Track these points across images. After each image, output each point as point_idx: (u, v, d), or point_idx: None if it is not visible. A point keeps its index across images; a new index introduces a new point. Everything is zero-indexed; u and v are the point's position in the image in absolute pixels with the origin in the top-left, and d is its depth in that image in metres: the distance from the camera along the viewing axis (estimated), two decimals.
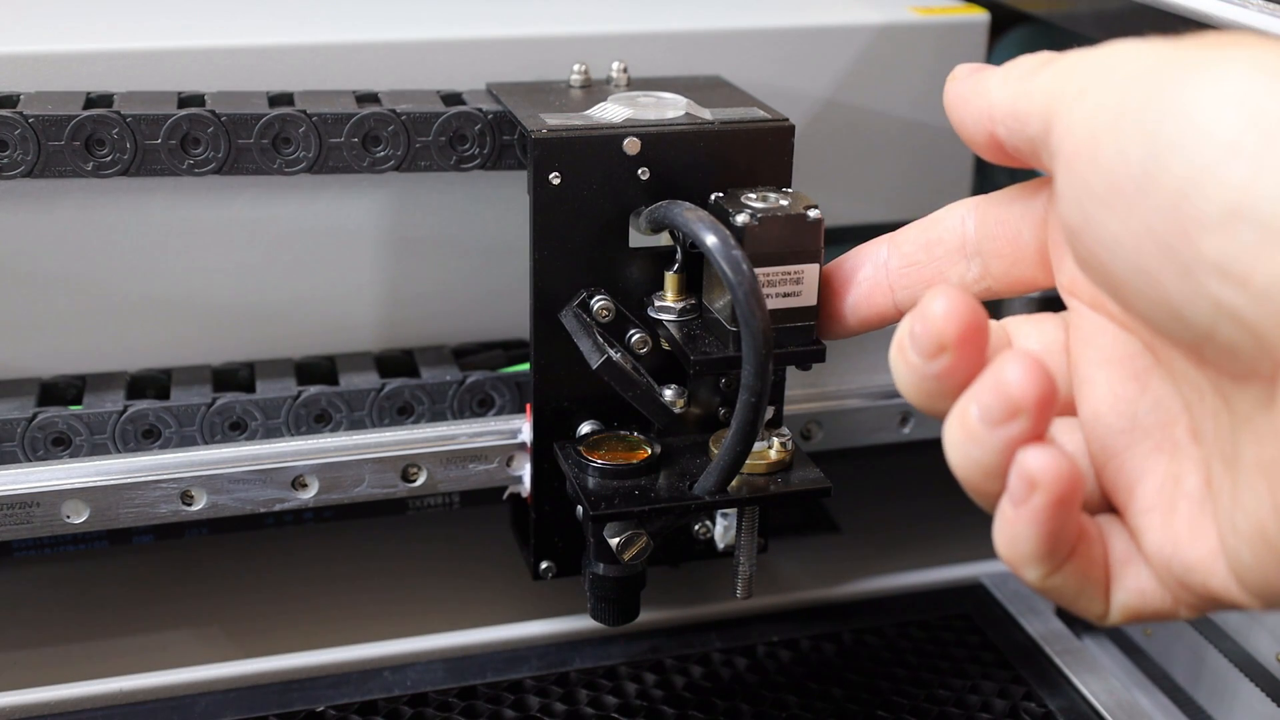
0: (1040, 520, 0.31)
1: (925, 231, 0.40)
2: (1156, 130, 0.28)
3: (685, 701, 0.52)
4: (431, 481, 0.51)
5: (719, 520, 0.51)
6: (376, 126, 0.50)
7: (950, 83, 0.38)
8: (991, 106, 0.35)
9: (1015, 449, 0.31)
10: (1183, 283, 0.28)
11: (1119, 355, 0.34)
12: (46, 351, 0.52)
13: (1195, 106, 0.28)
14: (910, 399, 0.34)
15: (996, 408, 0.30)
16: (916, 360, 0.32)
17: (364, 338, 0.55)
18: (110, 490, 0.48)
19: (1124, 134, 0.29)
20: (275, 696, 0.52)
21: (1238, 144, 0.27)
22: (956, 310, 0.32)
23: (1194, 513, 0.31)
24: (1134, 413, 0.33)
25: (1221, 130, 0.27)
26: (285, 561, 0.61)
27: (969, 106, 0.36)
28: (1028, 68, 0.35)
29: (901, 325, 0.33)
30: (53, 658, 0.55)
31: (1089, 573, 0.33)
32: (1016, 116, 0.34)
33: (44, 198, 0.50)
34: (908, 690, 0.53)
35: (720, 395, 0.51)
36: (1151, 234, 0.28)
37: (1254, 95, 0.27)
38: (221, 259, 0.52)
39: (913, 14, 0.60)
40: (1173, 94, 0.29)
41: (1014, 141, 0.35)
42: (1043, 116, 0.33)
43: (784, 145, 0.49)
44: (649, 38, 0.56)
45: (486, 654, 0.55)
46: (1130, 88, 0.30)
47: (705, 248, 0.42)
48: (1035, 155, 0.34)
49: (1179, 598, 0.32)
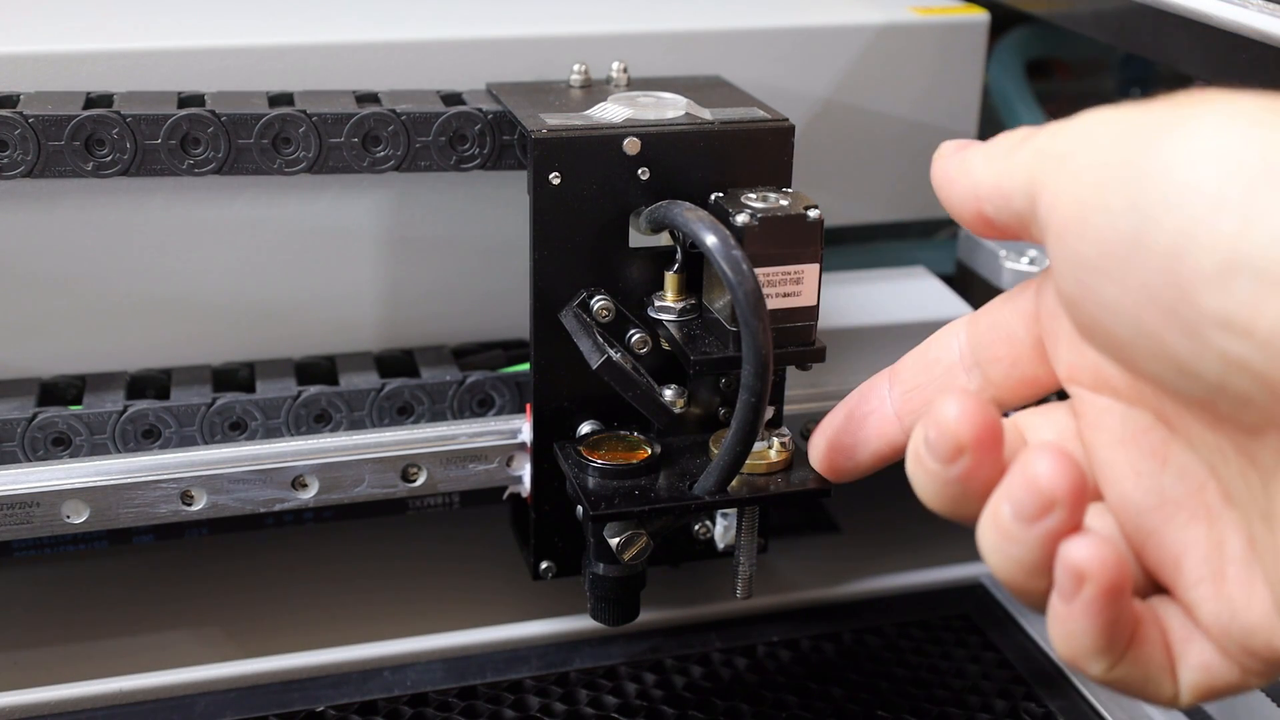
0: (1095, 612, 0.30)
1: (922, 355, 0.40)
2: (1140, 193, 0.28)
3: (685, 701, 0.52)
4: (431, 481, 0.51)
5: (719, 520, 0.51)
6: (376, 126, 0.50)
7: (936, 160, 0.38)
8: (976, 185, 0.35)
9: (1055, 543, 0.30)
10: (1188, 340, 0.28)
11: (1132, 433, 0.33)
12: (46, 351, 0.52)
13: (1175, 164, 0.28)
14: (934, 507, 0.34)
15: (1030, 503, 0.30)
16: (935, 467, 0.32)
17: (364, 338, 0.55)
18: (110, 490, 0.48)
19: (1109, 200, 0.29)
20: (275, 696, 0.52)
21: (1222, 197, 0.27)
22: (969, 411, 0.32)
23: (1244, 575, 0.31)
24: (1160, 488, 0.32)
25: (1204, 185, 0.27)
26: (285, 561, 0.61)
27: (955, 186, 0.37)
28: (1009, 145, 0.35)
29: (915, 435, 0.33)
30: (53, 658, 0.54)
31: (1152, 657, 0.32)
32: (1001, 194, 0.34)
33: (44, 198, 0.50)
34: (908, 690, 0.53)
35: (720, 395, 0.51)
36: (1150, 295, 0.28)
37: (1230, 146, 0.27)
38: (221, 259, 0.52)
39: (913, 14, 0.60)
40: (1152, 155, 0.29)
41: (1001, 218, 0.35)
42: (1026, 191, 0.33)
43: (784, 145, 0.49)
44: (649, 38, 0.56)
45: (486, 654, 0.55)
46: (1110, 152, 0.30)
47: (705, 248, 0.42)
48: (1024, 229, 0.34)
49: (1245, 666, 0.31)
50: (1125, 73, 0.77)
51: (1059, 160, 0.32)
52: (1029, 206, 0.33)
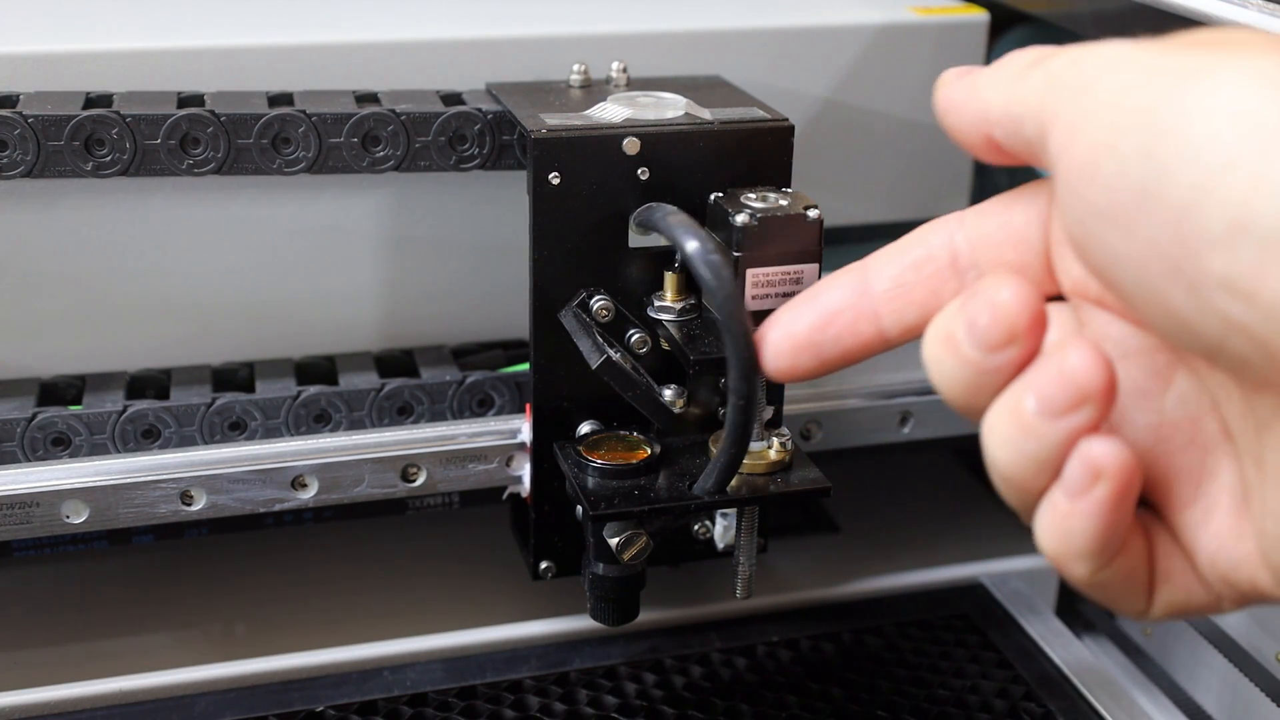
0: (1101, 512, 0.29)
1: (907, 252, 0.37)
2: (1156, 142, 0.28)
3: (685, 701, 0.52)
4: (431, 481, 0.51)
5: (719, 520, 0.51)
6: (376, 126, 0.50)
7: (941, 88, 0.36)
8: (986, 108, 0.34)
9: (1074, 440, 0.29)
10: (1190, 298, 0.28)
11: (1136, 349, 0.33)
12: (46, 351, 0.52)
13: (1192, 121, 0.27)
14: (952, 396, 0.32)
15: (1061, 398, 0.29)
16: (974, 354, 0.30)
17: (364, 338, 0.55)
18: (110, 490, 0.48)
19: (1122, 151, 0.29)
20: (275, 696, 0.52)
21: (1236, 157, 0.26)
22: (1023, 296, 0.30)
23: (1234, 509, 0.30)
24: (1161, 408, 0.32)
25: (1219, 144, 0.27)
26: (285, 561, 0.61)
27: (964, 110, 0.35)
28: (1019, 67, 0.33)
29: (950, 319, 0.31)
30: (53, 658, 0.54)
31: (1134, 570, 0.32)
32: (1012, 118, 0.33)
33: (44, 198, 0.50)
34: (908, 690, 0.53)
35: (720, 395, 0.51)
36: (1156, 250, 0.28)
37: (1251, 106, 0.27)
38: (221, 259, 0.52)
39: (912, 14, 0.60)
40: (1168, 108, 0.28)
41: (1012, 144, 0.34)
42: (1037, 120, 0.32)
43: (784, 145, 0.49)
44: (649, 38, 0.56)
45: (486, 654, 0.55)
46: (1124, 99, 0.29)
47: (684, 253, 0.42)
48: (1034, 157, 0.33)
49: (1222, 593, 0.31)
50: None
51: (1074, 94, 0.30)
52: (1039, 135, 0.32)
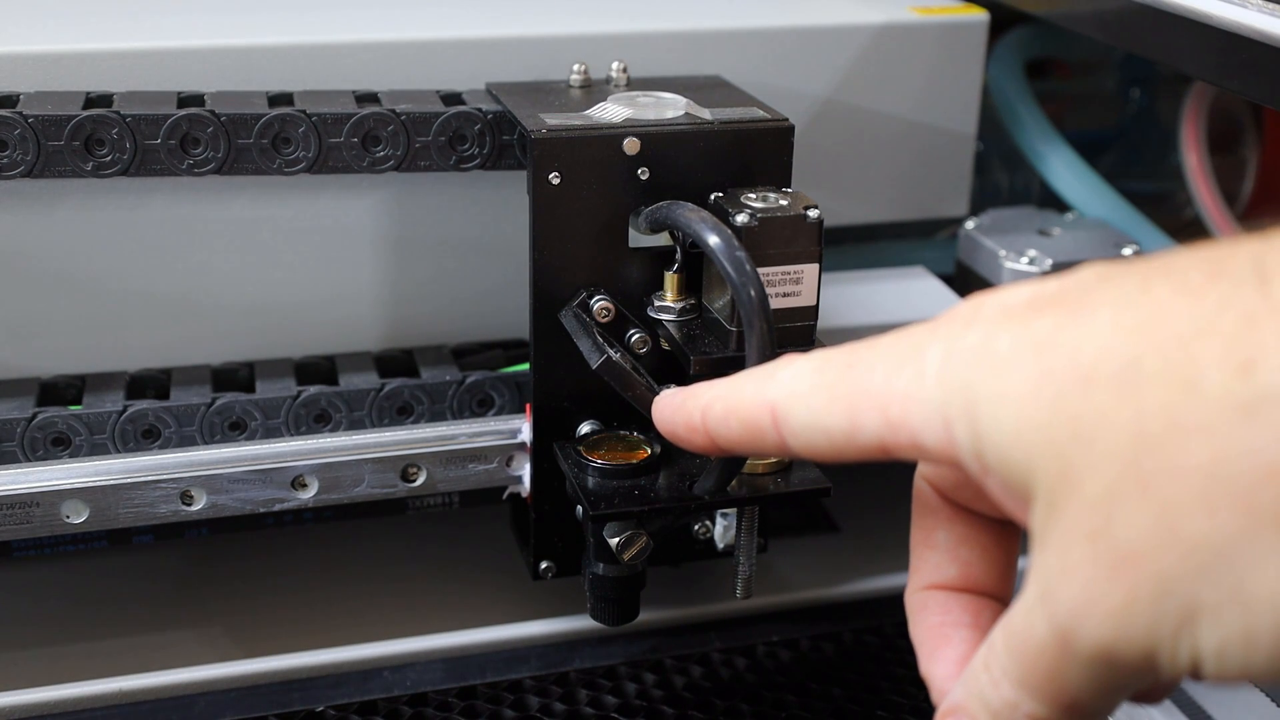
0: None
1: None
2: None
3: (685, 701, 0.52)
4: (431, 481, 0.51)
5: (719, 520, 0.51)
6: (376, 126, 0.50)
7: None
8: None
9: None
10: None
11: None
12: (46, 351, 0.52)
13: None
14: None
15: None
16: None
17: (364, 338, 0.55)
18: (110, 490, 0.48)
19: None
20: (275, 696, 0.52)
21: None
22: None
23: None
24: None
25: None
26: (285, 561, 0.61)
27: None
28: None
29: None
30: (53, 658, 0.54)
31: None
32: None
33: (44, 198, 0.50)
34: (908, 690, 0.53)
35: None
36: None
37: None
38: (221, 259, 0.52)
39: (912, 14, 0.60)
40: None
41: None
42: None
43: (784, 145, 0.49)
44: (649, 38, 0.56)
45: (486, 654, 0.55)
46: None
47: (708, 249, 0.42)
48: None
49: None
50: (1125, 73, 0.77)
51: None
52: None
